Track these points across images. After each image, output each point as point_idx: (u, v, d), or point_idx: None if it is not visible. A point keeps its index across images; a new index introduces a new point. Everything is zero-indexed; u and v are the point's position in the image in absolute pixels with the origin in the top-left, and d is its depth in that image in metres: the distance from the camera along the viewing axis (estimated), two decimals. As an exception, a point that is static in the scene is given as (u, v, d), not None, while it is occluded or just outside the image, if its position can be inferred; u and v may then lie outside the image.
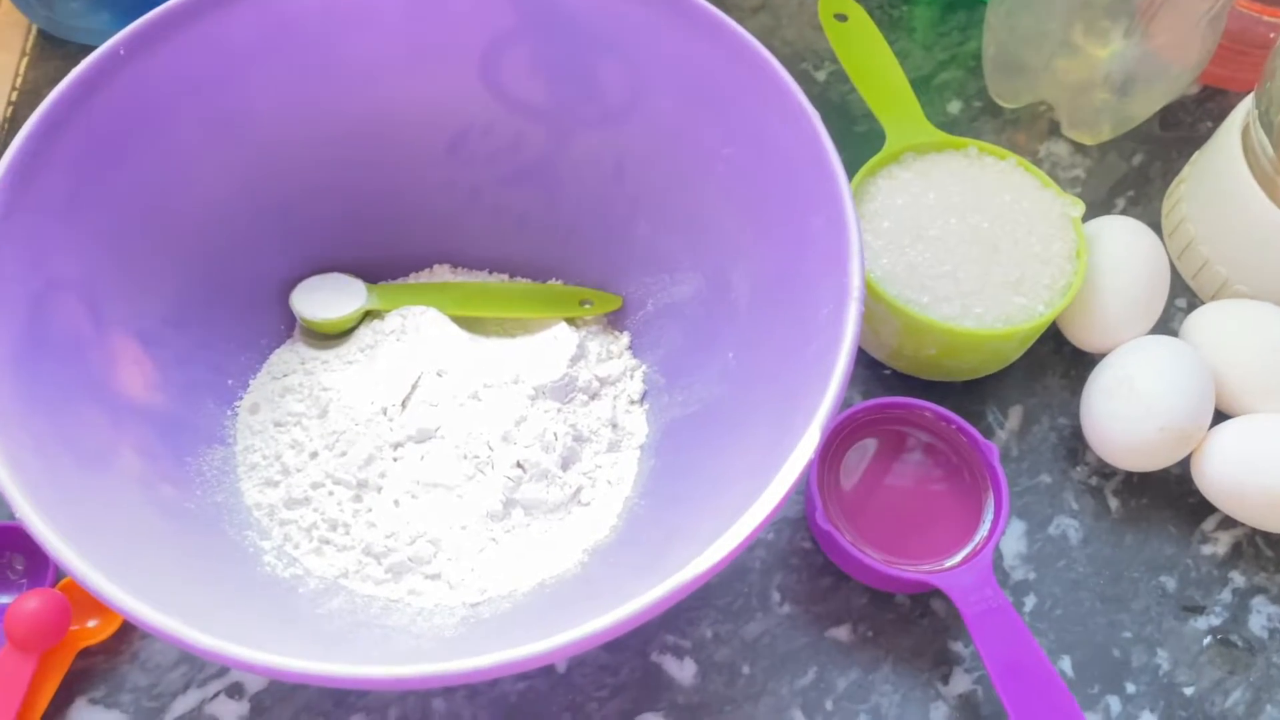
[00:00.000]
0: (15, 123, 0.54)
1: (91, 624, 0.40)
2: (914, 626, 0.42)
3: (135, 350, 0.39)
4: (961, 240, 0.44)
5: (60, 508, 0.31)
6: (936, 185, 0.46)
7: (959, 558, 0.41)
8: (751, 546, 0.42)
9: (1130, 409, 0.43)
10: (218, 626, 0.29)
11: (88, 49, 0.55)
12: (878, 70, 0.50)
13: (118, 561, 0.31)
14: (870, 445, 0.43)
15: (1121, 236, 0.46)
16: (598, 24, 0.41)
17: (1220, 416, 0.45)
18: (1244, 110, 0.49)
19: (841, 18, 0.51)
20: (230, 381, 0.43)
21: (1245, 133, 0.48)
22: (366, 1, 0.41)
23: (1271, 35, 0.54)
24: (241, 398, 0.43)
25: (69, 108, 0.36)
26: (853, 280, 0.33)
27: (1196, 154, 0.53)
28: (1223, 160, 0.49)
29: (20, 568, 0.42)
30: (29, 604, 0.38)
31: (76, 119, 0.36)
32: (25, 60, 0.56)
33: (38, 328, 0.35)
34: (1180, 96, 0.56)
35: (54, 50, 0.56)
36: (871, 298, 0.44)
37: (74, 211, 0.37)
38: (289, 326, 0.46)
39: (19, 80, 0.55)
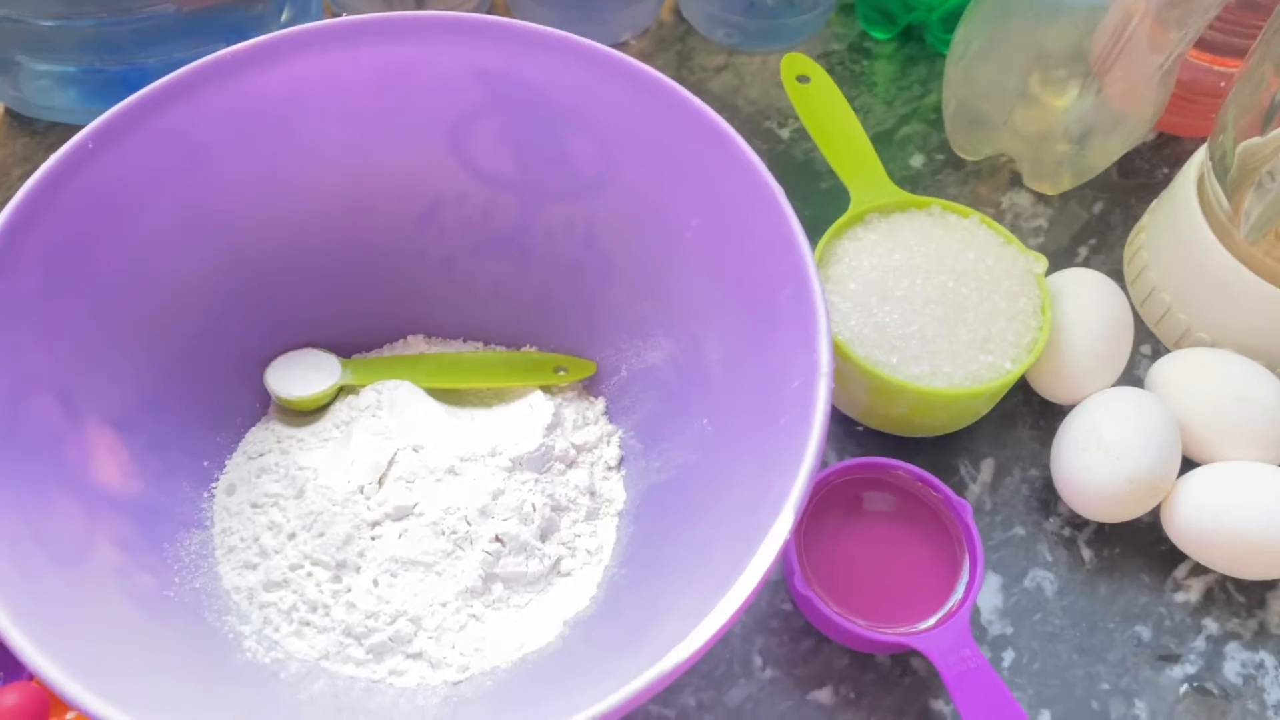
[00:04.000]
0: (-17, 202, 0.54)
1: (70, 716, 0.40)
2: (895, 686, 0.42)
3: (110, 439, 0.39)
4: (928, 300, 0.45)
5: (34, 610, 0.31)
6: (902, 245, 0.47)
7: (937, 618, 0.41)
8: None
9: (1099, 462, 0.43)
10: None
11: (56, 126, 0.56)
12: (840, 132, 0.51)
13: (93, 662, 0.31)
14: (846, 506, 0.44)
15: (1085, 290, 0.47)
16: (565, 99, 0.42)
17: (1188, 464, 0.45)
18: (1198, 161, 0.50)
19: (804, 79, 0.52)
20: (206, 463, 0.43)
21: (1200, 183, 0.49)
22: (334, 82, 0.41)
23: (1222, 84, 0.55)
24: (218, 479, 0.43)
25: (38, 203, 0.36)
26: (821, 357, 0.34)
27: (1155, 202, 0.54)
28: (1180, 210, 0.50)
29: (-4, 660, 0.41)
30: (7, 699, 0.38)
31: (46, 214, 0.37)
32: (-8, 138, 0.56)
33: (11, 425, 0.35)
34: (1137, 145, 0.57)
35: (21, 128, 0.56)
36: (841, 359, 0.44)
37: (45, 305, 0.37)
38: (263, 404, 0.46)
39: (-14, 159, 0.55)
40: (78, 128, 0.55)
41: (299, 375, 0.45)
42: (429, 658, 0.39)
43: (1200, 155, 0.50)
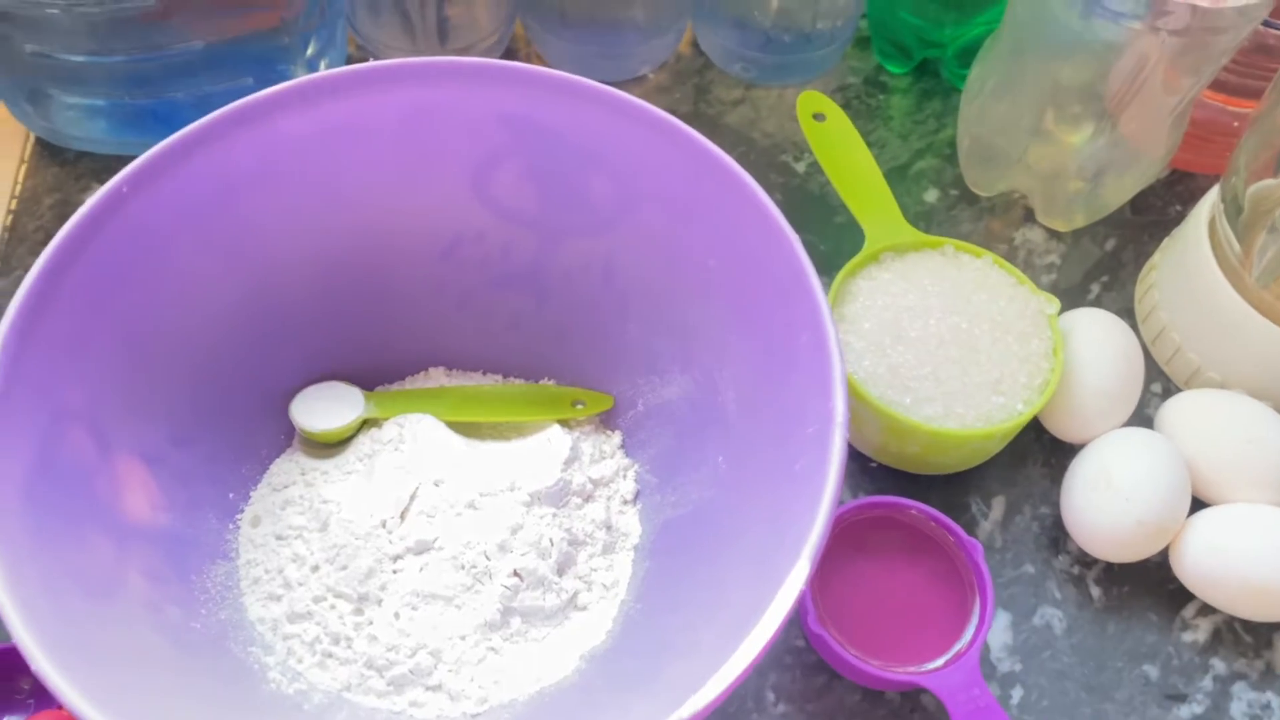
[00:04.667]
0: (15, 230, 0.55)
1: (98, 743, 0.41)
2: (905, 722, 0.43)
3: (140, 472, 0.40)
4: (941, 341, 0.46)
5: (67, 644, 0.32)
6: (915, 286, 0.47)
7: (946, 658, 0.42)
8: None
9: (1109, 503, 0.44)
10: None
11: (85, 156, 0.58)
12: (855, 170, 0.51)
13: (122, 696, 0.32)
14: (858, 544, 0.45)
15: (1096, 331, 0.48)
16: (585, 142, 0.42)
17: (1197, 504, 0.46)
18: (1210, 201, 0.51)
19: (820, 117, 0.53)
20: (231, 495, 0.44)
21: (1212, 224, 0.50)
22: (363, 124, 0.42)
23: (1235, 124, 0.56)
24: (243, 510, 0.44)
25: (75, 246, 0.37)
26: (836, 405, 0.34)
27: (1167, 240, 0.54)
28: (1191, 251, 0.50)
29: (27, 688, 0.42)
30: (37, 727, 0.39)
31: (82, 256, 0.38)
32: (24, 168, 0.57)
33: (46, 460, 0.36)
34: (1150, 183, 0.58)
35: (52, 158, 0.58)
36: (855, 398, 0.45)
37: (79, 344, 0.38)
38: (288, 436, 0.47)
39: (17, 188, 0.57)
40: (106, 157, 0.57)
41: (323, 408, 0.46)
42: (448, 690, 0.40)
43: (1212, 196, 0.51)
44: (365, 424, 0.47)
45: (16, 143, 0.58)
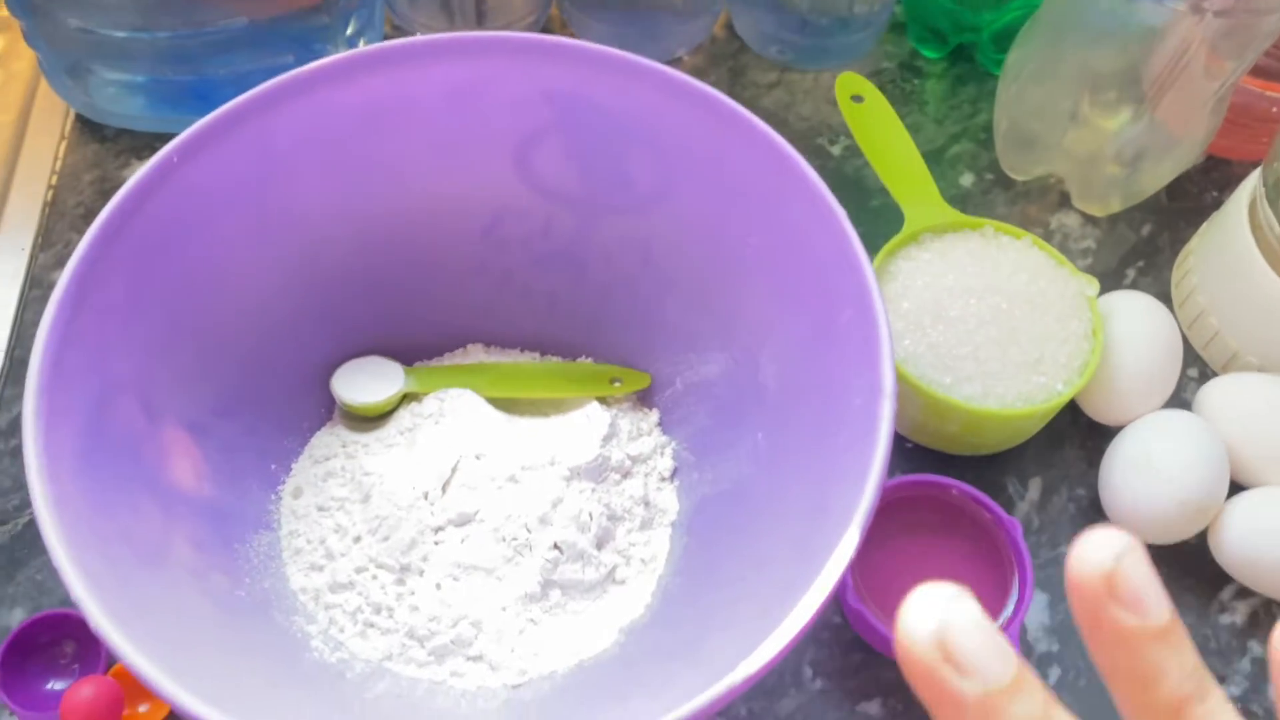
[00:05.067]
0: (55, 206, 0.56)
1: (143, 709, 0.42)
2: (943, 700, 0.43)
3: (186, 442, 0.41)
4: (981, 321, 0.46)
5: (122, 604, 0.32)
6: (955, 266, 0.47)
7: (986, 635, 0.42)
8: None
9: (1149, 484, 0.44)
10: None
11: (124, 133, 0.58)
12: (894, 151, 0.52)
13: (176, 656, 0.32)
14: (897, 522, 0.45)
15: (1135, 313, 0.48)
16: (629, 119, 0.42)
17: (1235, 487, 0.46)
18: (1250, 185, 0.51)
19: (858, 99, 0.53)
20: (274, 466, 0.45)
21: (1252, 208, 0.50)
22: (406, 99, 0.42)
23: (1275, 110, 0.55)
24: (284, 481, 0.45)
25: (126, 215, 0.38)
26: (885, 379, 0.35)
27: (1205, 225, 0.54)
28: (1230, 234, 0.50)
29: (70, 652, 0.43)
30: (84, 692, 0.39)
31: (132, 225, 0.38)
32: (64, 144, 0.58)
33: (97, 427, 0.36)
34: (1188, 168, 0.58)
35: (91, 135, 0.58)
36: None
37: (128, 313, 0.38)
38: (329, 409, 0.47)
39: (58, 164, 0.57)
40: (145, 135, 0.57)
41: (364, 383, 0.46)
42: (489, 660, 0.40)
43: (1253, 179, 0.51)
44: (405, 399, 0.47)
45: (57, 120, 0.58)
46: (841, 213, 0.38)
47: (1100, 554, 0.18)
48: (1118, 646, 0.19)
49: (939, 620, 0.18)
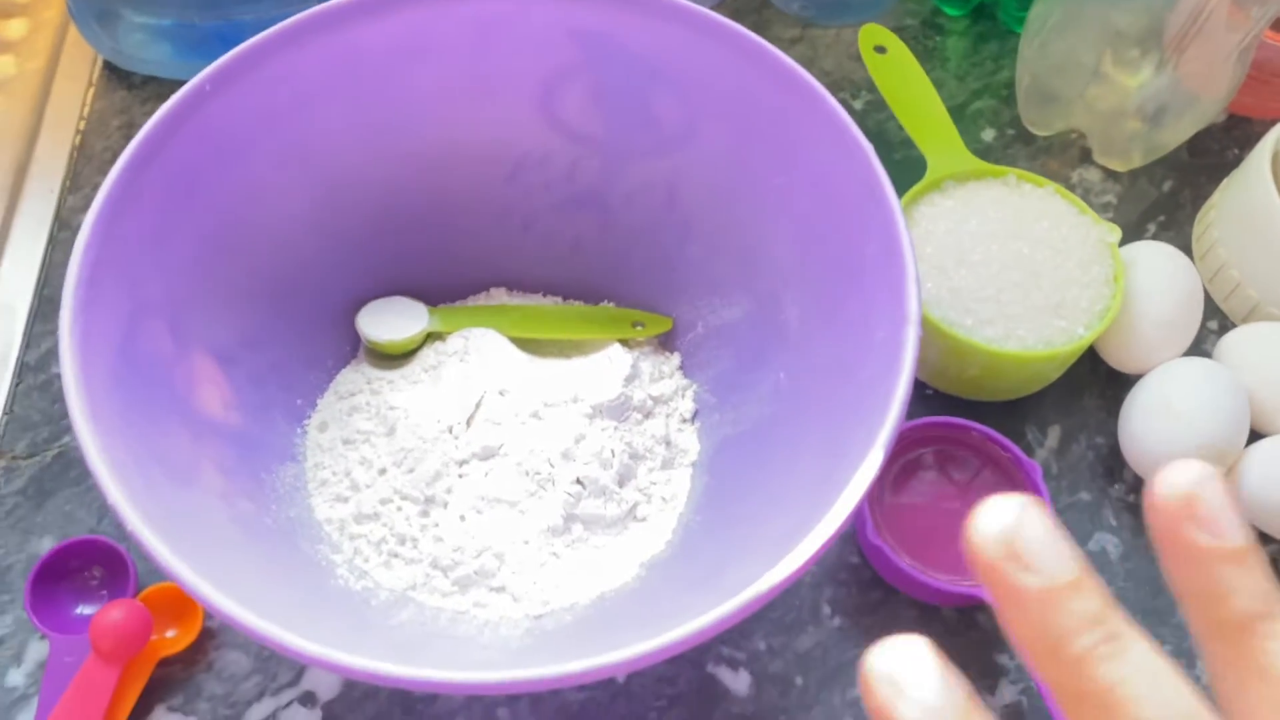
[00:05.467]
0: (84, 149, 0.56)
1: (170, 634, 0.42)
2: (960, 639, 0.43)
3: (213, 370, 0.41)
4: (1004, 265, 0.46)
5: (157, 517, 0.33)
6: (978, 212, 0.48)
7: (1005, 572, 0.42)
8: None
9: (1170, 429, 0.44)
10: (306, 634, 0.30)
11: (151, 80, 0.58)
12: (917, 101, 0.52)
13: (210, 567, 0.33)
14: (917, 462, 0.45)
15: (1156, 261, 0.48)
16: (654, 57, 0.43)
17: (1254, 435, 0.46)
18: (1273, 140, 0.51)
19: (881, 50, 0.53)
20: (299, 400, 0.45)
21: (1275, 161, 0.50)
22: (433, 37, 0.43)
23: (1297, 65, 0.55)
24: (310, 416, 0.45)
25: (158, 142, 0.38)
26: (910, 305, 0.35)
27: (1226, 180, 0.54)
28: (1253, 187, 0.50)
29: (99, 577, 0.43)
30: (113, 615, 0.40)
31: (164, 153, 0.38)
32: (92, 90, 0.58)
33: (130, 349, 0.37)
34: (1208, 125, 0.58)
35: (119, 81, 0.58)
36: (916, 320, 0.45)
37: (158, 239, 0.39)
38: (354, 347, 0.48)
39: (86, 110, 0.57)
40: (172, 82, 0.58)
41: (389, 321, 0.47)
42: (511, 591, 0.41)
43: (1275, 133, 0.51)
44: (429, 337, 0.47)
45: (85, 67, 0.59)
46: (868, 146, 0.38)
47: (1182, 477, 0.20)
48: (1192, 565, 0.20)
49: (1008, 522, 0.20)
